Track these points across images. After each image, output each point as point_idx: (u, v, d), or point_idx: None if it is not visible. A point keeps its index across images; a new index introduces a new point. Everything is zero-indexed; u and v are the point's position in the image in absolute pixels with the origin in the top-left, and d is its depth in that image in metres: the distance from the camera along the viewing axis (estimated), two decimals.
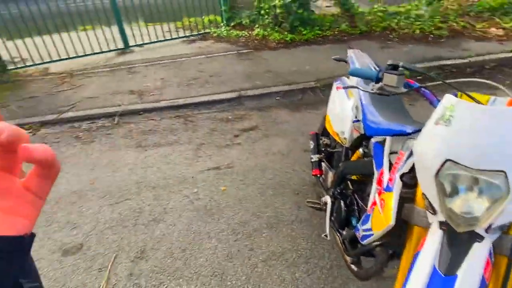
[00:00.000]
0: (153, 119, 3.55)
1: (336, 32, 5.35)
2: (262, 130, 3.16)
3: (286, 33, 5.28)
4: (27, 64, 5.13)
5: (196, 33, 6.24)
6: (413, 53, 4.42)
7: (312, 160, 1.83)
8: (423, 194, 0.86)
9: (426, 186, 0.82)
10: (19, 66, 5.09)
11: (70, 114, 3.75)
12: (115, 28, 5.72)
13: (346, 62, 1.90)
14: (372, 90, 1.05)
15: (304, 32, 5.25)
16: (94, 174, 2.70)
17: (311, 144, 1.89)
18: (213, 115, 3.54)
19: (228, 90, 3.98)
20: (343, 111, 1.59)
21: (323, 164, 1.84)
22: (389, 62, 1.02)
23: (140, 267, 1.83)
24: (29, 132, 3.48)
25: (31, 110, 3.88)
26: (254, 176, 2.50)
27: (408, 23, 5.26)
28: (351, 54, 1.91)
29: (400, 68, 1.01)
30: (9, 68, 5.01)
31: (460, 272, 0.74)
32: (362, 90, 1.09)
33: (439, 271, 0.76)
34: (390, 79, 1.00)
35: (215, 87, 4.11)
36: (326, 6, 6.18)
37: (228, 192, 2.35)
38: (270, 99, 3.83)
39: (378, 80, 1.06)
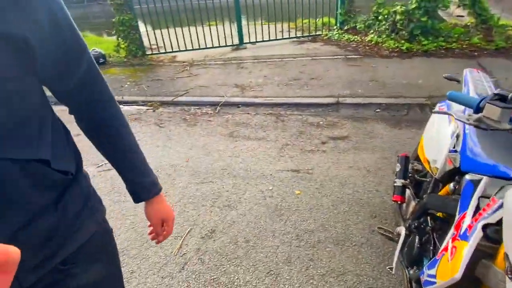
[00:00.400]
0: (248, 113, 3.77)
1: (464, 46, 4.64)
2: (352, 142, 3.02)
3: (402, 41, 4.85)
4: (161, 51, 6.07)
5: (307, 34, 6.29)
6: None
7: (395, 184, 1.67)
8: (505, 254, 0.70)
9: None
10: (154, 52, 6.06)
11: (183, 98, 4.30)
12: (234, 26, 6.23)
13: (458, 82, 1.67)
14: (468, 120, 0.90)
15: (424, 42, 4.73)
16: (190, 153, 3.05)
17: (398, 167, 1.72)
18: (304, 118, 3.55)
19: (326, 95, 3.92)
20: (441, 137, 1.41)
21: (407, 191, 1.66)
22: (497, 91, 0.85)
23: (207, 245, 2.00)
24: (150, 109, 4.13)
25: (156, 90, 4.60)
26: (332, 187, 2.42)
27: None
28: (467, 73, 1.66)
29: (510, 100, 0.83)
30: (147, 53, 6.02)
31: None
32: (456, 118, 0.94)
33: None
34: (492, 111, 0.83)
35: (313, 90, 4.10)
36: (458, 16, 5.40)
37: (301, 197, 2.35)
38: (369, 110, 3.61)
39: (478, 110, 0.90)
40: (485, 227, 0.80)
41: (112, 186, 2.64)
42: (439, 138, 1.40)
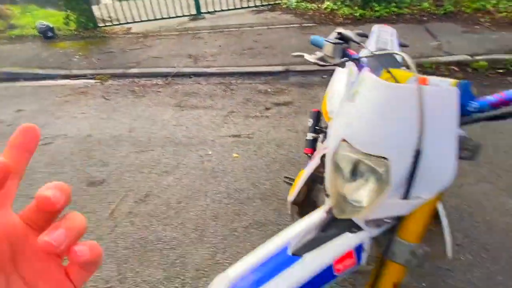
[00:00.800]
0: (199, 83, 3.75)
1: (415, 11, 4.73)
2: (295, 107, 3.09)
3: (356, 8, 4.88)
4: (114, 23, 5.81)
5: (266, 3, 6.19)
6: (503, 42, 3.68)
7: (306, 138, 1.75)
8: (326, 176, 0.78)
9: (327, 166, 0.75)
10: (107, 24, 5.79)
11: (134, 70, 4.19)
12: None
13: (367, 37, 1.73)
14: (313, 59, 0.96)
15: (376, 8, 4.77)
16: (134, 124, 3.03)
17: (310, 122, 1.80)
18: (254, 86, 3.57)
19: (277, 63, 3.93)
20: (339, 88, 1.48)
21: (318, 144, 1.75)
22: (338, 30, 0.91)
23: (139, 209, 2.05)
24: (98, 82, 4.02)
25: (106, 63, 4.45)
26: (268, 149, 2.50)
27: None
28: (375, 29, 1.72)
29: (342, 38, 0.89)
30: (100, 25, 5.75)
31: (306, 255, 0.68)
32: (305, 58, 1.00)
33: (288, 249, 0.70)
34: (327, 48, 0.90)
35: (265, 58, 4.10)
36: None
37: (238, 160, 2.42)
38: (316, 77, 3.67)
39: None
40: (323, 156, 0.88)
41: (51, 158, 2.61)
42: (338, 90, 1.47)
